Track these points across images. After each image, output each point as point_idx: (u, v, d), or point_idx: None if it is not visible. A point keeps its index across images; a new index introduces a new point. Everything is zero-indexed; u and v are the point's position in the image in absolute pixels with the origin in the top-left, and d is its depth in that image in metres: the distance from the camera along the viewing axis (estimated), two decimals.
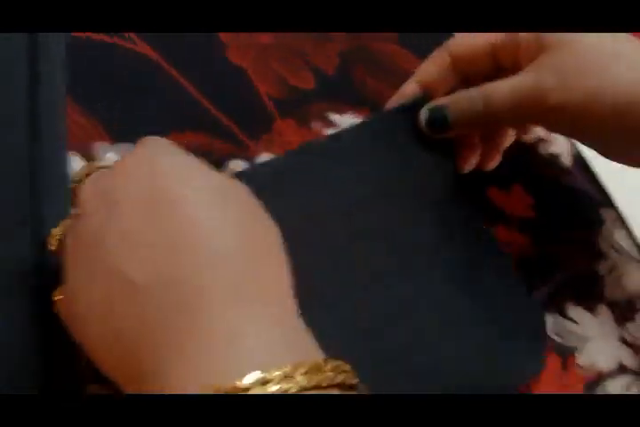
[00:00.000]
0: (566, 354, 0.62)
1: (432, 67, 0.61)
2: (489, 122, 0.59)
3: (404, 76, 0.64)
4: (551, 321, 0.63)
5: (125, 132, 0.58)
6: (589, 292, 0.66)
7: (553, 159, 0.71)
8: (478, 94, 0.57)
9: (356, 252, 0.58)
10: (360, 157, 0.60)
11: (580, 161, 0.72)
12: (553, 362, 0.61)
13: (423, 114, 0.59)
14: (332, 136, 0.62)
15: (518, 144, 0.70)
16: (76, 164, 0.55)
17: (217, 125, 0.61)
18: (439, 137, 0.59)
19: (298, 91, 0.65)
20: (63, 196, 0.52)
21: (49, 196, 0.52)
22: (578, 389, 0.61)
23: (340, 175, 0.59)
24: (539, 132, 0.72)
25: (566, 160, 0.72)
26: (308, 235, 0.55)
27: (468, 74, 0.60)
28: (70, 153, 0.55)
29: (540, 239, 0.66)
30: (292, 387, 0.35)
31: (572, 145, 0.73)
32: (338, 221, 0.58)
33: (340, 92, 0.67)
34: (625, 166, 0.61)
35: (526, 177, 0.69)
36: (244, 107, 0.63)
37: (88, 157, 0.56)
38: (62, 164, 0.53)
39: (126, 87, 0.59)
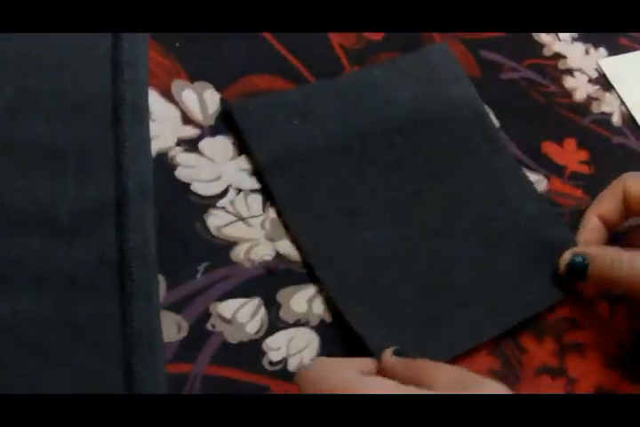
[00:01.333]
0: (614, 301, 0.63)
1: (607, 201, 0.62)
2: (625, 287, 0.56)
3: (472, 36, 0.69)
4: None
5: (202, 71, 0.59)
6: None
7: (605, 118, 0.72)
8: (626, 259, 0.56)
9: (393, 174, 0.61)
10: (396, 86, 0.64)
11: (629, 120, 0.74)
12: (603, 310, 0.63)
13: (566, 257, 0.59)
14: (368, 68, 0.66)
15: (571, 103, 0.71)
16: (154, 98, 0.56)
17: (290, 69, 0.63)
18: (574, 281, 0.60)
19: (368, 41, 0.68)
20: (142, 125, 0.54)
21: (131, 126, 0.53)
22: (625, 336, 0.62)
23: (375, 101, 0.63)
24: (589, 89, 0.73)
25: (617, 119, 0.73)
26: (347, 157, 0.59)
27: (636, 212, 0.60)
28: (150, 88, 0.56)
29: (592, 193, 0.67)
30: None
31: (622, 104, 0.74)
32: (376, 144, 0.62)
33: (407, 46, 0.69)
34: None
35: (578, 133, 0.71)
36: (316, 53, 0.65)
37: (166, 93, 0.57)
38: (143, 96, 0.54)
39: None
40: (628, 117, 0.74)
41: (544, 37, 0.75)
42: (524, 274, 0.60)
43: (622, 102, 0.74)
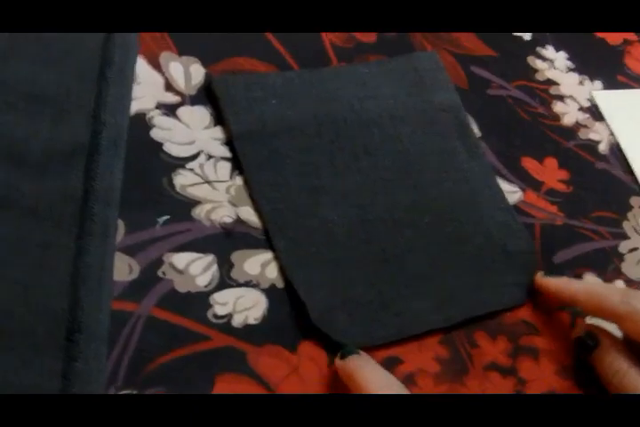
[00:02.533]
0: (576, 315, 0.63)
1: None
2: None
3: (459, 45, 0.74)
4: None
5: (192, 47, 0.63)
6: (608, 264, 0.68)
7: (591, 144, 0.74)
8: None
9: (363, 161, 0.64)
10: (380, 83, 0.68)
11: (617, 151, 0.75)
12: (563, 320, 0.63)
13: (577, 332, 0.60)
14: (354, 64, 0.69)
15: (558, 126, 0.74)
16: (141, 65, 0.60)
17: (277, 57, 0.68)
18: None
19: (359, 43, 0.71)
20: (125, 84, 0.58)
21: (115, 86, 0.57)
22: None
23: (356, 94, 0.66)
24: (579, 116, 0.76)
25: (604, 148, 0.75)
26: (320, 140, 0.62)
27: None
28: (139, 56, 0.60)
29: (568, 211, 0.69)
30: None
31: (612, 135, 0.75)
32: (351, 131, 0.65)
33: (397, 51, 0.72)
34: None
35: (561, 154, 0.73)
36: (306, 47, 0.70)
37: (154, 62, 0.61)
38: (131, 59, 0.58)
39: None
40: (615, 148, 0.76)
41: (539, 64, 0.78)
42: (478, 275, 0.62)
43: (612, 133, 0.76)
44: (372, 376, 0.50)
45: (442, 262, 0.61)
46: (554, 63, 0.79)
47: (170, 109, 0.60)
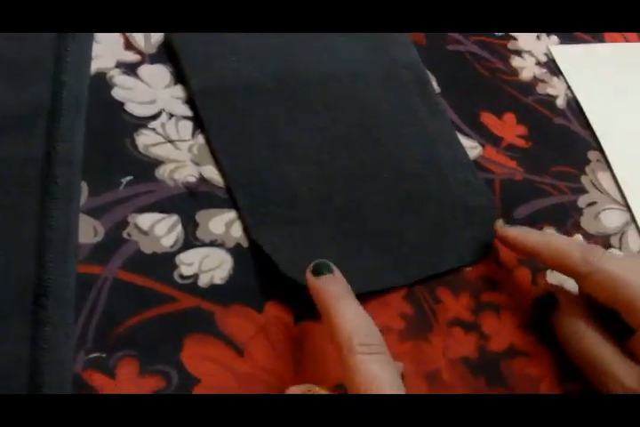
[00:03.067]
0: (536, 271, 0.64)
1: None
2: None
3: None
4: None
5: None
6: (567, 219, 0.69)
7: (549, 99, 0.75)
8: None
9: (323, 116, 0.64)
10: (339, 39, 0.68)
11: (574, 105, 0.76)
12: (524, 276, 0.64)
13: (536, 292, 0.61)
14: None
15: (516, 81, 0.74)
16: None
17: None
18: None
19: None
20: (84, 43, 0.57)
21: (73, 43, 0.56)
22: None
23: (316, 50, 0.66)
24: (536, 71, 0.76)
25: (562, 103, 0.75)
26: (280, 95, 0.62)
27: None
28: None
29: (527, 166, 0.69)
30: None
31: (569, 89, 0.76)
32: (311, 86, 0.64)
33: None
34: (615, 114, 0.72)
35: (520, 109, 0.73)
36: None
37: None
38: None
39: None
40: (573, 103, 0.76)
41: None
42: (438, 231, 0.62)
43: (569, 88, 0.76)
44: (347, 312, 0.49)
45: (401, 219, 0.61)
46: None
47: (130, 68, 0.59)
